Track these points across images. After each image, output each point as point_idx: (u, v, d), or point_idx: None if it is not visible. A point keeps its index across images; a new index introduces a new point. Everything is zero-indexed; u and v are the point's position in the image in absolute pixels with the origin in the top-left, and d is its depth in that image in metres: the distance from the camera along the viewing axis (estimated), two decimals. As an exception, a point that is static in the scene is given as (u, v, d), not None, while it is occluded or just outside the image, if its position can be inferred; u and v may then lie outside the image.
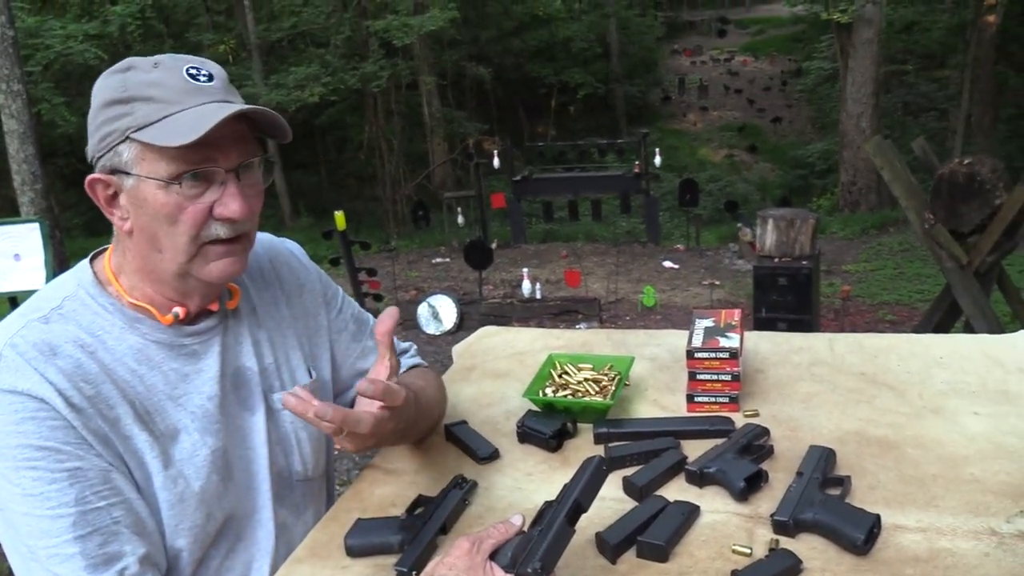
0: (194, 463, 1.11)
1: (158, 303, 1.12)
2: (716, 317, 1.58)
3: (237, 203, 1.06)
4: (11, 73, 6.43)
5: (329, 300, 1.37)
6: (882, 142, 4.67)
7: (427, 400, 1.34)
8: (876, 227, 11.48)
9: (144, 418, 1.08)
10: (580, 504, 0.97)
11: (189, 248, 1.06)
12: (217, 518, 1.14)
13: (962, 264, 4.31)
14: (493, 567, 0.94)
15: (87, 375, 1.04)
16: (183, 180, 1.03)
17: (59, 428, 0.99)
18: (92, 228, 13.53)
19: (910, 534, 1.09)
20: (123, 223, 1.08)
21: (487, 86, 19.55)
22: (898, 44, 17.77)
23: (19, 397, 0.99)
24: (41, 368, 1.01)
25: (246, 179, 1.09)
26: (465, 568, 0.94)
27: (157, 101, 1.03)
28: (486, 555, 0.95)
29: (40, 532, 0.98)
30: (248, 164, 1.08)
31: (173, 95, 1.03)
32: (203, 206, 1.05)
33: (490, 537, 0.96)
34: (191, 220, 1.05)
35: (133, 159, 1.04)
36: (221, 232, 1.07)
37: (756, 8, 33.85)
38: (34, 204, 6.60)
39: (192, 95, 1.03)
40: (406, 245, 11.73)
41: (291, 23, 14.91)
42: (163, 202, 1.04)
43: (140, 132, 1.02)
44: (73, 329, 1.07)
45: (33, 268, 4.35)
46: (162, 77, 1.04)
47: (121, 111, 1.03)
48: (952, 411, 1.42)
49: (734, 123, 22.99)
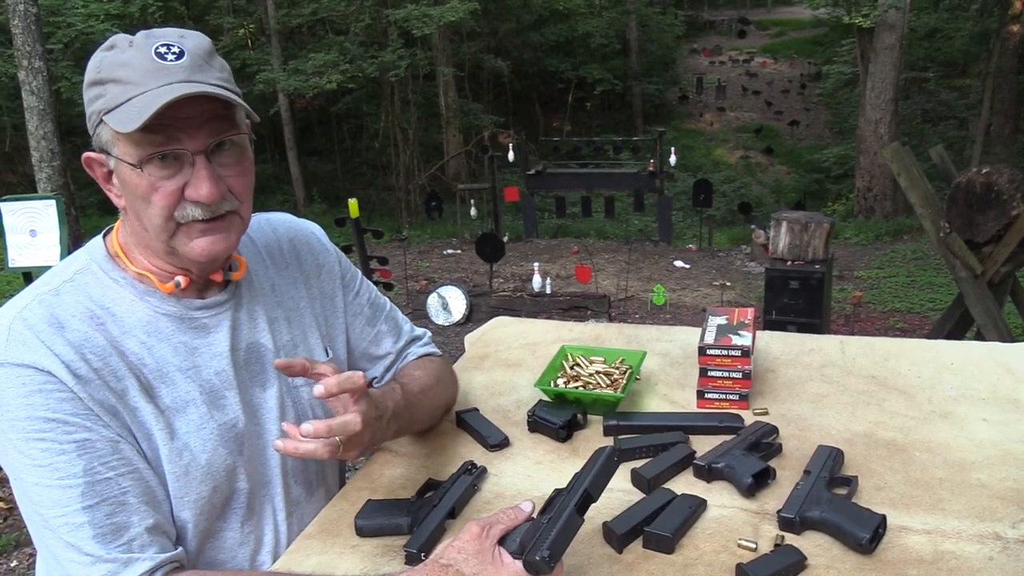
0: (201, 436, 1.12)
1: (159, 274, 1.14)
2: (729, 315, 1.59)
3: (206, 185, 1.05)
4: (33, 50, 6.47)
5: (347, 283, 1.38)
6: (900, 148, 4.65)
7: (422, 388, 1.35)
8: (890, 234, 11.42)
9: (150, 391, 1.09)
10: (590, 494, 0.97)
11: (167, 227, 1.07)
12: (224, 491, 1.15)
13: (976, 274, 4.30)
14: (501, 552, 0.95)
15: (95, 347, 1.06)
16: (150, 163, 1.04)
17: (67, 400, 1.01)
18: (107, 207, 13.60)
19: (915, 536, 1.10)
20: (118, 199, 1.11)
21: (504, 79, 19.51)
22: (920, 51, 17.65)
23: (27, 370, 1.00)
24: (49, 341, 1.02)
25: (220, 158, 1.08)
26: (474, 552, 0.95)
27: (123, 83, 1.02)
28: (495, 540, 0.96)
29: (51, 502, 1.00)
30: (220, 143, 1.07)
31: (137, 76, 1.02)
32: (173, 187, 1.05)
33: (500, 523, 0.98)
34: (162, 202, 1.05)
35: (110, 141, 1.05)
36: (196, 213, 1.07)
37: (777, 9, 33.63)
38: (51, 181, 6.63)
39: (154, 76, 1.02)
40: (418, 235, 11.74)
41: (311, 9, 14.89)
42: (136, 183, 1.05)
43: (108, 115, 1.03)
44: (84, 300, 1.08)
45: (48, 244, 4.39)
46: (132, 57, 1.03)
47: (97, 92, 1.05)
48: (961, 417, 1.42)
49: (751, 125, 22.89)
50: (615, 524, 1.12)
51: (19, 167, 13.24)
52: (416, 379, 1.36)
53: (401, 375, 1.39)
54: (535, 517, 1.00)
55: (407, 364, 1.45)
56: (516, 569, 0.93)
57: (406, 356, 1.47)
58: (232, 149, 1.09)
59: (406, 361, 1.46)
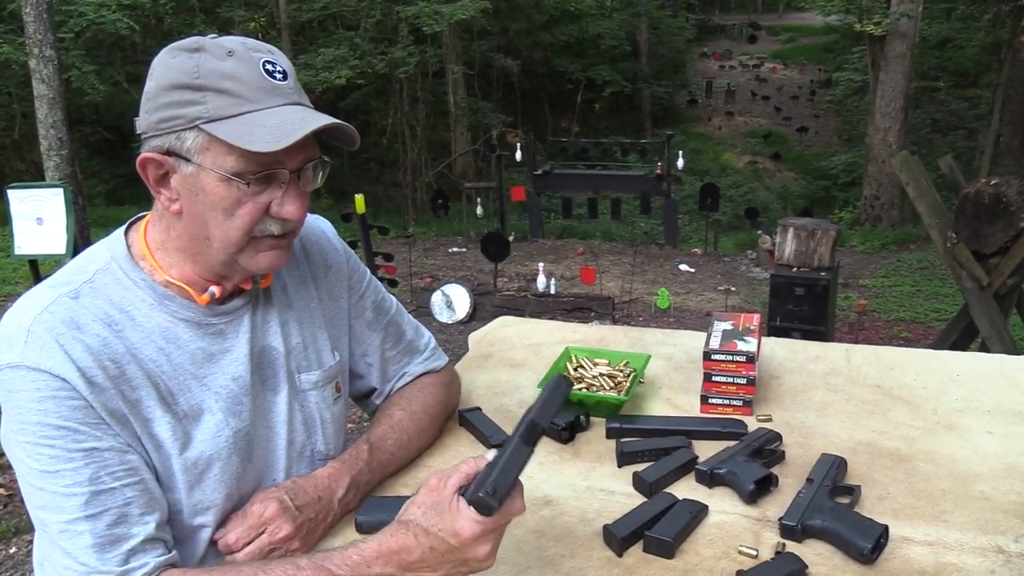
0: (216, 444, 1.11)
1: (195, 283, 1.12)
2: (735, 321, 1.59)
3: (296, 205, 1.07)
4: (44, 38, 6.48)
5: (353, 284, 1.36)
6: (909, 157, 4.63)
7: (398, 442, 1.32)
8: (896, 243, 11.38)
9: (167, 399, 1.08)
10: (536, 423, 0.93)
11: (240, 241, 1.07)
12: (234, 497, 1.15)
13: (982, 285, 4.28)
14: (460, 500, 0.95)
15: (113, 354, 1.04)
16: (249, 179, 1.03)
17: (79, 408, 1.00)
18: (114, 197, 13.62)
19: (917, 547, 1.10)
20: (171, 203, 1.07)
21: (514, 78, 19.49)
22: (931, 60, 17.58)
23: (42, 375, 1.00)
24: (67, 346, 1.01)
25: (304, 179, 1.09)
26: (432, 504, 0.96)
27: (233, 95, 1.01)
28: (453, 489, 0.96)
29: (54, 508, 1.00)
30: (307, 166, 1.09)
31: (250, 92, 1.02)
32: (262, 204, 1.06)
33: (457, 472, 0.98)
34: (248, 216, 1.05)
35: (198, 148, 1.02)
36: (274, 229, 1.08)
37: (789, 15, 33.54)
38: (59, 170, 6.65)
39: (269, 94, 1.03)
40: (424, 232, 11.73)
41: (322, 4, 14.88)
42: (223, 195, 1.03)
43: (212, 124, 1.01)
44: (103, 304, 1.07)
45: (55, 233, 4.39)
46: (237, 69, 1.02)
47: (191, 97, 1.01)
48: (966, 428, 1.42)
49: (759, 130, 22.85)
50: (616, 527, 1.12)
51: (28, 155, 13.25)
52: (395, 427, 1.33)
53: (381, 417, 1.36)
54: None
55: (394, 397, 1.40)
56: (471, 514, 0.93)
57: (403, 375, 1.42)
58: (313, 170, 1.10)
59: (402, 382, 1.42)
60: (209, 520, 1.12)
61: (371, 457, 1.26)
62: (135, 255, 1.13)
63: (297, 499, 1.15)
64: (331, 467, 1.22)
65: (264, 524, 1.11)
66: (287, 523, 1.11)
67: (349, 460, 1.24)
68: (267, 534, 1.11)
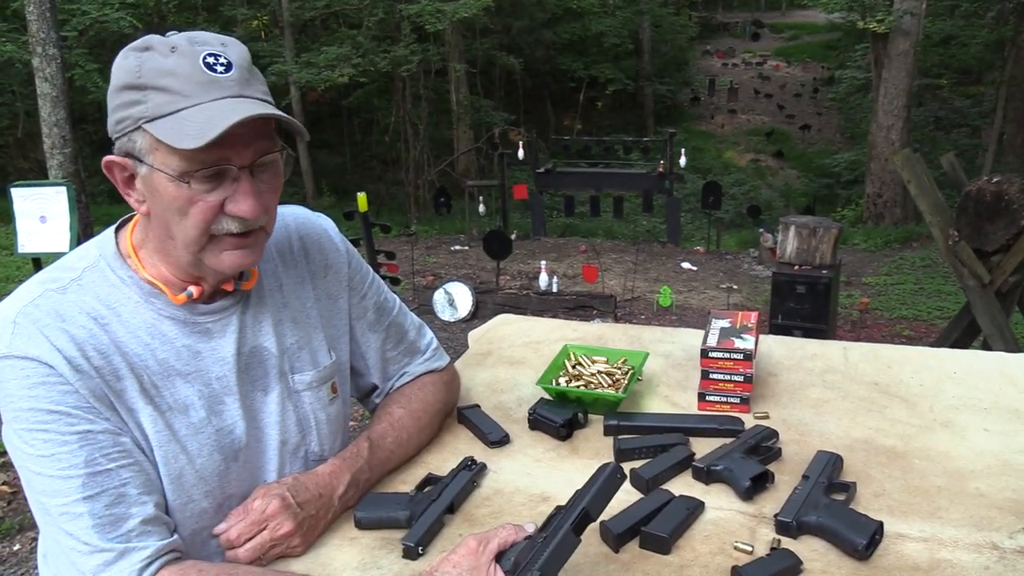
0: (198, 440, 1.12)
1: (172, 283, 1.13)
2: (733, 318, 1.59)
3: (249, 202, 1.05)
4: (47, 37, 6.50)
5: (355, 284, 1.36)
6: (911, 155, 4.63)
7: (397, 440, 1.33)
8: (899, 241, 11.36)
9: (150, 391, 1.09)
10: (588, 513, 0.96)
11: (199, 240, 1.06)
12: (217, 496, 1.15)
13: (984, 283, 4.28)
14: (496, 569, 0.95)
15: (98, 345, 1.06)
16: (193, 178, 1.02)
17: (69, 393, 1.02)
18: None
19: (912, 543, 1.10)
20: (140, 205, 1.08)
21: (516, 76, 19.49)
22: (934, 57, 17.53)
23: (31, 363, 1.01)
24: (52, 336, 1.03)
25: (261, 175, 1.07)
26: (469, 567, 0.95)
27: (170, 92, 1.00)
28: (491, 556, 0.96)
29: (52, 491, 1.01)
30: (263, 161, 1.07)
31: (186, 87, 1.00)
32: (214, 202, 1.04)
33: (497, 538, 0.98)
34: (200, 215, 1.04)
35: (146, 148, 1.02)
36: (232, 227, 1.06)
37: (792, 13, 33.46)
38: (62, 168, 6.67)
39: (205, 88, 1.00)
40: (426, 231, 11.74)
41: (325, 2, 14.89)
42: (173, 195, 1.03)
43: (152, 124, 1.00)
44: (89, 300, 1.08)
45: (58, 231, 4.41)
46: (177, 65, 1.00)
47: (135, 97, 1.01)
48: (962, 426, 1.42)
49: (762, 128, 22.81)
50: (612, 523, 1.13)
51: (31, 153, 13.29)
52: (395, 424, 1.33)
53: (382, 415, 1.36)
54: (533, 536, 0.99)
55: (394, 395, 1.41)
56: None
57: (403, 375, 1.43)
58: (271, 166, 1.09)
59: (402, 380, 1.42)
60: (184, 519, 1.12)
61: (371, 455, 1.27)
62: (123, 253, 1.14)
63: (298, 496, 1.15)
64: (332, 464, 1.23)
65: (266, 520, 1.12)
66: (288, 520, 1.12)
67: (350, 457, 1.25)
68: (268, 530, 1.12)
